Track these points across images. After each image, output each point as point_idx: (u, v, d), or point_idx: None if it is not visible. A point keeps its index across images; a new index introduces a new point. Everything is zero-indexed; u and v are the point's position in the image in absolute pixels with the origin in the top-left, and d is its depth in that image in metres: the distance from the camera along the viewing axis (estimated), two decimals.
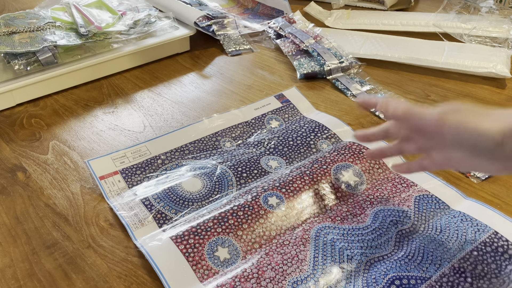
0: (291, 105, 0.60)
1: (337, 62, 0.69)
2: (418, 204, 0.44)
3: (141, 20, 0.73)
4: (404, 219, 0.43)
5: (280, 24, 0.81)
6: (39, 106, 0.62)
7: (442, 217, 0.43)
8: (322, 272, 0.38)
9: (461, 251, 0.39)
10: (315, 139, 0.53)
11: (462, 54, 0.71)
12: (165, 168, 0.50)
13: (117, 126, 0.58)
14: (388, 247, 0.40)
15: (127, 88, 0.67)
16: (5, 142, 0.55)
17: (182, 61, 0.75)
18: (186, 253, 0.39)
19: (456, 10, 0.87)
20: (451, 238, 0.40)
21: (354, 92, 0.64)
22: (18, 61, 0.60)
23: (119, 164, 0.49)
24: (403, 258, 0.39)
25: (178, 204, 0.45)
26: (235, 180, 0.48)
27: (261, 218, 0.42)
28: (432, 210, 0.44)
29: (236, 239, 0.41)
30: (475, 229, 0.41)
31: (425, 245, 0.40)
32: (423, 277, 0.37)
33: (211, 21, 0.78)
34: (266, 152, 0.52)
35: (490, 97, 0.64)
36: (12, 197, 0.47)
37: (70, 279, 0.38)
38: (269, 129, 0.56)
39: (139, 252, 0.40)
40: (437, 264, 0.38)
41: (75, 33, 0.67)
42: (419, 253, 0.39)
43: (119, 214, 0.44)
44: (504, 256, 0.38)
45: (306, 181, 0.46)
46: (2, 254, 0.40)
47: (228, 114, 0.58)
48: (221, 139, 0.54)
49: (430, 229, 0.41)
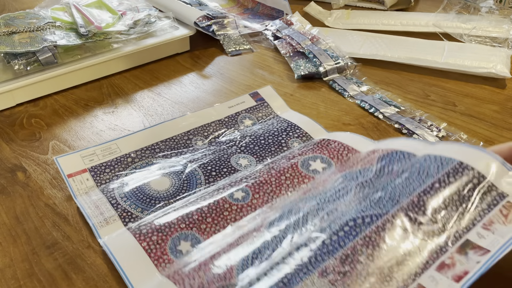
0: (265, 104, 0.60)
1: (333, 63, 0.69)
2: (381, 160, 0.41)
3: (141, 20, 0.73)
4: (365, 172, 0.40)
5: (277, 26, 0.81)
6: (39, 106, 0.62)
7: (406, 163, 0.39)
8: (272, 229, 0.37)
9: (421, 186, 0.35)
10: (287, 138, 0.53)
11: (462, 54, 0.71)
12: (135, 167, 0.49)
13: (117, 126, 0.58)
14: (347, 198, 0.38)
15: (127, 88, 0.67)
16: (5, 142, 0.55)
17: (182, 61, 0.75)
18: (149, 250, 0.39)
19: (456, 10, 0.87)
20: (411, 175, 0.37)
21: (351, 93, 0.64)
22: (18, 61, 0.61)
23: (88, 162, 0.49)
24: (359, 202, 0.36)
25: (145, 202, 0.44)
26: (203, 179, 0.47)
27: (226, 211, 0.42)
28: (396, 160, 0.40)
29: (199, 232, 0.40)
30: (438, 163, 0.37)
31: (383, 187, 0.37)
32: (378, 213, 0.34)
33: (211, 21, 0.78)
34: (237, 151, 0.51)
35: (490, 97, 0.64)
36: (12, 197, 0.47)
37: (70, 279, 0.38)
38: (242, 128, 0.56)
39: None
40: (394, 200, 0.35)
41: (75, 33, 0.67)
42: (377, 194, 0.36)
43: (84, 213, 0.43)
44: (468, 185, 0.35)
45: (272, 174, 0.46)
46: (2, 254, 0.41)
47: (201, 112, 0.58)
48: (193, 137, 0.54)
49: (391, 175, 0.39)
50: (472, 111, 0.61)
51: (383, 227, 0.33)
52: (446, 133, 0.55)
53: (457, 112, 0.61)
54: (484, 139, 0.55)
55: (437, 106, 0.62)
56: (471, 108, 0.61)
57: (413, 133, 0.55)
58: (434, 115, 0.59)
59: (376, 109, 0.60)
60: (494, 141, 0.55)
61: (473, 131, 0.57)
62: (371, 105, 0.61)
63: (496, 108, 0.61)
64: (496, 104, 0.62)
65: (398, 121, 0.57)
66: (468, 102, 0.63)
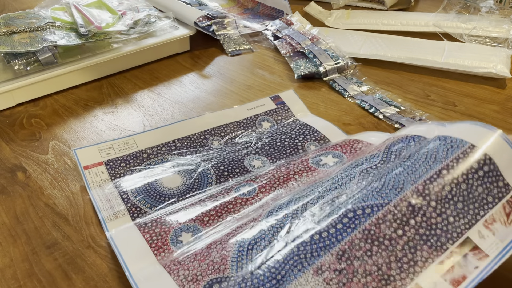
0: (286, 107, 0.60)
1: (333, 63, 0.69)
2: (390, 146, 0.39)
3: (141, 20, 0.73)
4: (372, 159, 0.38)
5: (278, 26, 0.81)
6: (39, 106, 0.62)
7: (415, 147, 0.37)
8: (270, 220, 0.37)
9: (428, 172, 0.32)
10: (304, 141, 0.53)
11: (462, 54, 0.71)
12: (150, 163, 0.50)
13: (117, 126, 0.58)
14: (349, 186, 0.36)
15: (127, 88, 0.67)
16: (5, 142, 0.55)
17: (182, 61, 0.75)
18: (150, 241, 0.40)
19: (456, 10, 0.87)
20: (418, 160, 0.33)
21: (351, 93, 0.64)
22: (18, 61, 0.61)
23: (105, 155, 0.49)
24: (360, 191, 0.34)
25: (155, 199, 0.45)
26: (215, 178, 0.48)
27: (230, 204, 0.43)
28: (404, 146, 0.38)
29: (201, 224, 0.41)
30: (448, 146, 0.33)
31: (387, 173, 0.34)
32: (380, 203, 0.32)
33: (211, 21, 0.78)
34: (252, 152, 0.51)
35: (490, 97, 0.64)
36: (12, 197, 0.47)
37: (70, 279, 0.38)
38: (260, 130, 0.56)
39: None
40: (398, 188, 0.32)
41: (75, 33, 0.67)
42: (380, 182, 0.33)
43: (96, 206, 0.44)
44: (478, 173, 0.31)
45: (282, 171, 0.46)
46: (2, 254, 0.41)
47: (220, 112, 0.58)
48: (210, 137, 0.54)
49: (398, 159, 0.36)
50: (472, 111, 0.61)
51: (383, 219, 0.31)
52: None
53: (457, 112, 0.61)
54: None
55: (437, 106, 0.62)
56: (471, 108, 0.61)
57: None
58: (434, 115, 0.59)
59: (376, 109, 0.60)
60: None
61: None
62: (371, 105, 0.61)
63: (496, 108, 0.61)
64: (496, 104, 0.62)
65: (398, 121, 0.57)
66: (468, 102, 0.63)
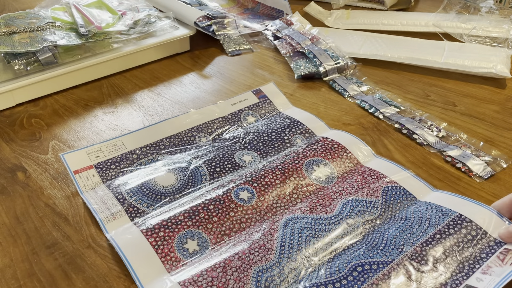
0: (268, 101, 0.61)
1: (333, 63, 0.69)
2: (386, 195, 0.45)
3: (141, 20, 0.73)
4: (372, 209, 0.43)
5: (277, 27, 0.81)
6: (39, 106, 0.62)
7: (408, 208, 0.43)
8: (287, 261, 0.38)
9: (424, 235, 0.39)
10: (290, 134, 0.54)
11: (462, 54, 0.71)
12: (140, 163, 0.50)
13: (117, 126, 0.58)
14: (354, 235, 0.41)
15: (127, 88, 0.67)
16: (5, 142, 0.55)
17: (182, 61, 0.75)
18: (156, 246, 0.39)
19: (456, 10, 0.87)
20: (414, 224, 0.41)
21: (351, 93, 0.64)
22: (18, 61, 0.61)
23: (94, 158, 0.49)
24: (366, 246, 0.39)
25: (151, 198, 0.45)
26: (208, 175, 0.48)
27: (232, 212, 0.43)
28: (399, 201, 0.44)
29: (205, 232, 0.41)
30: (439, 214, 0.41)
31: (389, 233, 0.40)
32: (385, 261, 0.37)
33: (211, 21, 0.78)
34: (241, 147, 0.52)
35: (490, 97, 0.64)
36: (12, 197, 0.47)
37: (70, 279, 0.38)
38: (245, 125, 0.56)
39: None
40: (399, 248, 0.38)
41: (75, 33, 0.67)
42: (383, 240, 0.39)
43: (91, 208, 0.44)
44: (467, 237, 0.39)
45: (277, 176, 0.47)
46: (2, 254, 0.41)
47: (204, 109, 0.58)
48: (197, 134, 0.54)
49: (396, 219, 0.42)
50: (472, 111, 0.61)
51: (388, 275, 0.36)
52: (446, 133, 0.55)
53: (457, 112, 0.61)
54: (484, 139, 0.55)
55: (437, 106, 0.62)
56: (471, 108, 0.61)
57: (413, 133, 0.55)
58: (434, 115, 0.59)
59: (376, 109, 0.60)
60: (494, 141, 0.55)
61: (473, 131, 0.57)
62: (371, 105, 0.61)
63: (496, 108, 0.61)
64: (496, 104, 0.62)
65: (398, 121, 0.57)
66: (468, 102, 0.63)
